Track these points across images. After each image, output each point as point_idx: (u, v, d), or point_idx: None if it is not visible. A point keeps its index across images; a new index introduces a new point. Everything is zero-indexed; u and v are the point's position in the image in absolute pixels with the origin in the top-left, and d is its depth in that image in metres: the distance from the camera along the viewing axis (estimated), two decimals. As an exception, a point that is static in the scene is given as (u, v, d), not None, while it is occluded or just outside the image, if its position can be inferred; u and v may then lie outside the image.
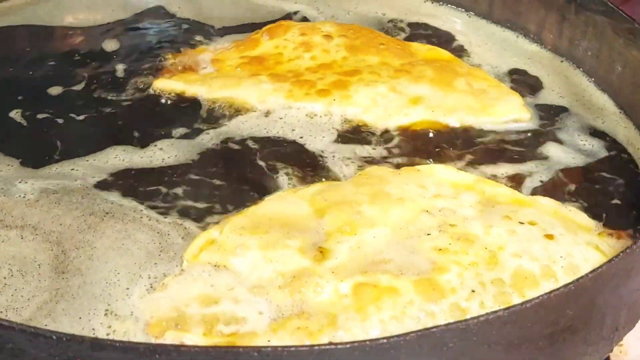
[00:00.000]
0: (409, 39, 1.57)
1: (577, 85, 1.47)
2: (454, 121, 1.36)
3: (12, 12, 1.59)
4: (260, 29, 1.53)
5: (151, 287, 1.06)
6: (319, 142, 1.32)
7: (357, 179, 1.21)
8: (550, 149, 1.33)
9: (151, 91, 1.42)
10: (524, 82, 1.47)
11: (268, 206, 1.16)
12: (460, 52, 1.53)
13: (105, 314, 1.03)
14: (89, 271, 1.09)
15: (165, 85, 1.43)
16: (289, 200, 1.17)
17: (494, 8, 1.62)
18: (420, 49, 1.51)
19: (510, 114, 1.38)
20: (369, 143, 1.32)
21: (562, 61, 1.52)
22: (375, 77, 1.40)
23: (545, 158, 1.32)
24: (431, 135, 1.34)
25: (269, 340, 0.97)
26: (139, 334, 1.00)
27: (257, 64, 1.45)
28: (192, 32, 1.57)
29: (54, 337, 0.77)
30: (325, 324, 0.99)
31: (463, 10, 1.64)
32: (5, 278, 1.08)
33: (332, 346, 0.80)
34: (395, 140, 1.33)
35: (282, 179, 1.25)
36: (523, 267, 1.06)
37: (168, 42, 1.54)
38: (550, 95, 1.45)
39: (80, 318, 1.03)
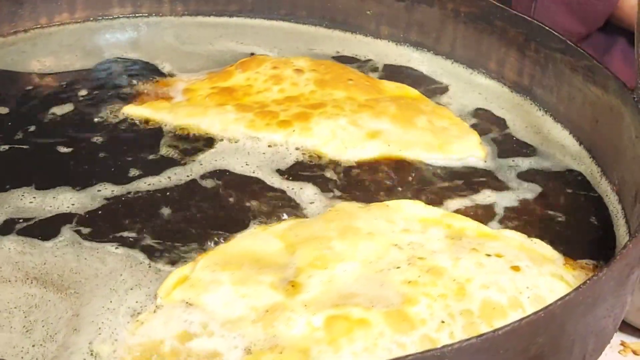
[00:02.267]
0: (383, 77, 1.60)
1: (538, 122, 1.50)
2: (410, 156, 1.38)
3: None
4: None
5: (126, 324, 1.07)
6: (277, 172, 1.35)
7: (326, 215, 1.23)
8: (508, 185, 1.36)
9: (120, 116, 1.46)
10: (487, 121, 1.50)
11: (239, 243, 1.18)
12: (430, 91, 1.56)
13: (83, 353, 1.04)
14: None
15: (133, 111, 1.46)
16: (260, 236, 1.19)
17: (456, 47, 1.65)
18: (389, 86, 1.54)
19: (466, 152, 1.40)
20: (325, 175, 1.35)
21: (524, 98, 1.55)
22: (338, 110, 1.44)
23: (503, 193, 1.34)
24: (386, 169, 1.36)
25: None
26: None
27: (226, 94, 1.48)
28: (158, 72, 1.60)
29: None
30: (298, 357, 1.00)
31: (426, 50, 1.67)
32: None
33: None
34: (351, 173, 1.36)
35: (247, 213, 1.27)
36: (491, 298, 1.08)
37: (140, 75, 1.57)
38: (512, 133, 1.48)
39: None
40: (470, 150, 1.41)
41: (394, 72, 1.62)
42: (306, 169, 1.36)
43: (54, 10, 1.69)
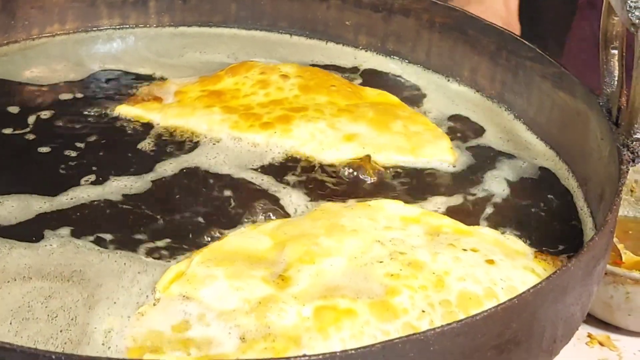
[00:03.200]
0: (365, 84, 1.67)
1: (510, 126, 1.57)
2: (382, 159, 1.46)
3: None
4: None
5: (128, 316, 1.14)
6: (256, 170, 1.43)
7: (313, 214, 1.31)
8: (479, 185, 1.44)
9: (113, 115, 1.54)
10: (462, 126, 1.58)
11: (231, 241, 1.25)
12: (409, 98, 1.64)
13: (88, 343, 1.11)
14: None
15: (125, 110, 1.55)
16: (250, 235, 1.26)
17: (431, 56, 1.71)
18: (371, 93, 1.62)
19: (436, 155, 1.48)
20: (304, 173, 1.43)
21: (496, 104, 1.62)
22: (319, 114, 1.51)
23: (474, 193, 1.42)
24: (360, 170, 1.43)
25: (239, 360, 1.06)
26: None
27: (215, 97, 1.56)
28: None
29: (53, 357, 0.84)
30: (290, 345, 1.07)
31: (402, 58, 1.74)
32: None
33: (307, 357, 0.89)
34: (326, 172, 1.43)
35: (234, 210, 1.34)
36: (467, 289, 1.16)
37: (132, 80, 1.65)
38: (485, 138, 1.55)
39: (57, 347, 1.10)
40: (441, 154, 1.48)
41: (375, 80, 1.69)
42: (284, 168, 1.44)
43: (46, 21, 1.74)
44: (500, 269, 1.20)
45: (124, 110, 1.55)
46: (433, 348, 0.93)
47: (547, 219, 1.38)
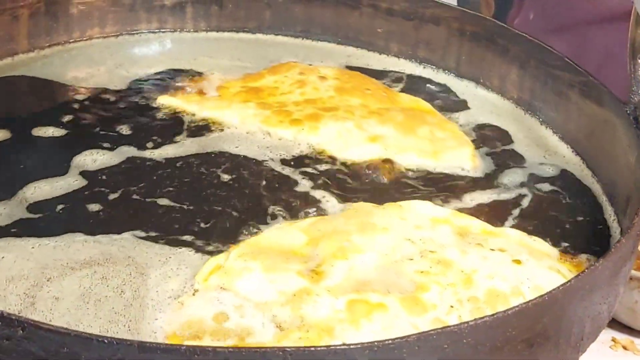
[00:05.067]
0: (403, 91, 1.72)
1: (538, 134, 1.61)
2: (403, 160, 1.50)
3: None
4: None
5: (168, 305, 1.18)
6: (280, 162, 1.48)
7: (346, 212, 1.35)
8: (505, 190, 1.47)
9: (154, 105, 1.61)
10: (491, 134, 1.61)
11: (268, 236, 1.29)
12: (443, 105, 1.67)
13: (129, 331, 1.15)
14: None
15: (166, 101, 1.61)
16: (286, 231, 1.30)
17: (461, 63, 1.75)
18: (405, 99, 1.66)
19: (457, 161, 1.51)
20: (326, 170, 1.48)
21: (525, 112, 1.65)
22: (348, 115, 1.56)
23: (496, 199, 1.45)
24: (380, 169, 1.48)
25: (275, 349, 1.09)
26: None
27: (253, 93, 1.62)
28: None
29: (106, 341, 0.88)
30: (323, 335, 1.11)
31: (433, 66, 1.78)
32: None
33: (345, 346, 0.92)
34: (347, 170, 1.48)
35: (265, 204, 1.39)
36: (495, 287, 1.19)
37: (176, 76, 1.72)
38: (513, 145, 1.58)
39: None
40: (462, 161, 1.51)
41: (413, 87, 1.74)
42: (308, 162, 1.49)
43: (87, 25, 1.79)
44: (526, 268, 1.24)
45: (165, 100, 1.62)
46: (466, 340, 0.96)
47: (573, 223, 1.42)
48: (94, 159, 1.47)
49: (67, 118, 1.57)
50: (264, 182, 1.44)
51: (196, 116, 1.59)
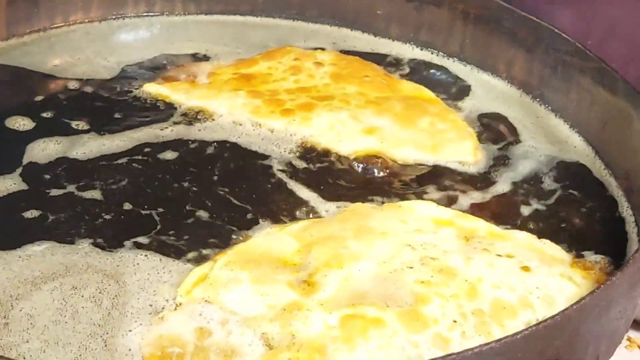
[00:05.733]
0: (406, 77, 1.63)
1: (547, 123, 1.52)
2: (400, 155, 1.42)
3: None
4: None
5: (149, 322, 1.10)
6: (273, 158, 1.40)
7: (341, 215, 1.26)
8: (508, 187, 1.39)
9: (139, 94, 1.53)
10: (496, 125, 1.52)
11: (256, 243, 1.21)
12: (447, 93, 1.59)
13: (104, 348, 1.07)
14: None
15: (153, 89, 1.53)
16: (276, 236, 1.21)
17: (465, 48, 1.66)
18: (407, 86, 1.57)
19: (457, 155, 1.43)
20: (318, 165, 1.40)
21: (533, 100, 1.57)
22: (343, 104, 1.48)
23: (501, 196, 1.37)
24: (373, 165, 1.40)
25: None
26: (137, 367, 1.04)
27: (244, 80, 1.54)
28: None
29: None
30: (315, 355, 1.03)
31: (435, 50, 1.69)
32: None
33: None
34: (341, 164, 1.40)
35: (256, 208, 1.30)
36: (501, 298, 1.11)
37: (164, 63, 1.63)
38: (518, 138, 1.49)
39: (78, 357, 1.07)
40: (462, 154, 1.43)
41: (416, 73, 1.65)
42: (299, 157, 1.41)
43: (70, 10, 1.70)
44: (536, 276, 1.15)
45: (151, 88, 1.54)
46: None
47: (585, 221, 1.33)
48: (54, 151, 1.39)
49: (43, 109, 1.49)
50: (251, 181, 1.36)
51: (183, 106, 1.51)
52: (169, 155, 1.40)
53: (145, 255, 1.20)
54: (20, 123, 1.45)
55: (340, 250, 1.16)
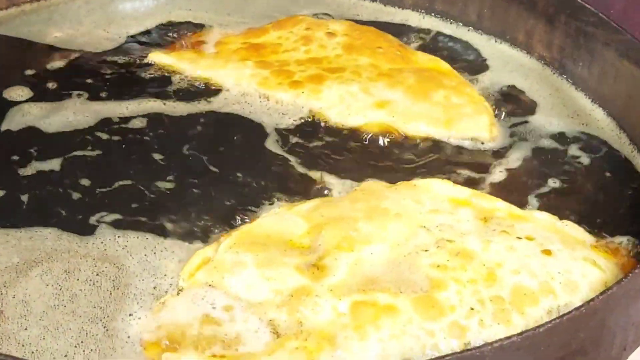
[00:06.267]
0: (418, 47, 1.57)
1: (568, 97, 1.46)
2: (412, 130, 1.36)
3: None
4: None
5: (149, 308, 1.05)
6: (275, 131, 1.35)
7: (353, 194, 1.20)
8: (526, 165, 1.33)
9: (144, 62, 1.48)
10: (515, 100, 1.46)
11: (264, 223, 1.15)
12: (465, 66, 1.53)
13: (105, 334, 1.02)
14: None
15: (158, 58, 1.49)
16: (284, 217, 1.16)
17: (483, 17, 1.60)
18: (422, 58, 1.51)
19: (472, 131, 1.37)
20: (327, 140, 1.34)
21: (554, 73, 1.51)
22: (355, 76, 1.42)
23: (517, 174, 1.31)
24: (384, 141, 1.34)
25: (267, 361, 0.96)
26: (134, 357, 0.98)
27: (253, 50, 1.49)
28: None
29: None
30: (324, 344, 0.98)
31: (451, 20, 1.63)
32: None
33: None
34: (350, 139, 1.34)
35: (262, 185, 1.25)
36: (522, 284, 1.05)
37: (172, 30, 1.58)
38: (538, 113, 1.43)
39: (79, 343, 1.01)
40: (477, 130, 1.37)
41: (434, 44, 1.59)
42: (308, 131, 1.35)
43: (72, -22, 1.64)
44: (558, 260, 1.09)
45: (156, 57, 1.49)
46: None
47: (610, 200, 1.27)
48: (48, 122, 1.34)
49: (43, 81, 1.44)
50: (257, 156, 1.30)
51: (188, 75, 1.45)
52: (171, 127, 1.35)
53: (146, 238, 1.16)
54: (19, 94, 1.40)
55: (351, 232, 1.10)
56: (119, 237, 1.15)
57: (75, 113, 1.36)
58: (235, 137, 1.33)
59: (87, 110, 1.37)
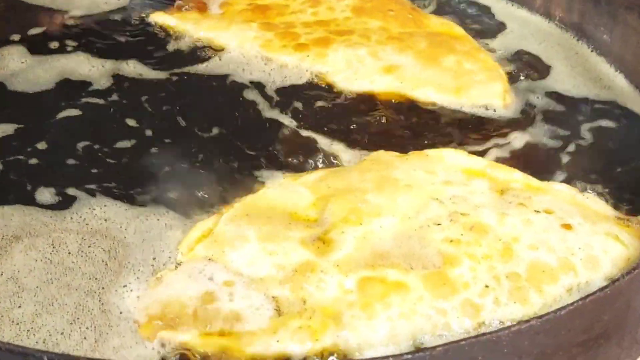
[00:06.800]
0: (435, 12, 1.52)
1: (588, 63, 1.41)
2: (421, 96, 1.31)
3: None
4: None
5: (145, 282, 1.00)
6: (284, 97, 1.30)
7: (362, 164, 1.15)
8: (543, 134, 1.27)
9: (146, 22, 1.45)
10: (531, 66, 1.41)
11: (267, 194, 1.10)
12: (480, 30, 1.48)
13: (100, 308, 0.97)
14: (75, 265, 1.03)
15: (160, 19, 1.45)
16: (289, 188, 1.10)
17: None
18: (434, 22, 1.46)
19: (484, 98, 1.32)
20: (325, 104, 1.30)
21: (574, 37, 1.46)
22: (363, 40, 1.38)
23: (535, 144, 1.25)
24: (390, 108, 1.29)
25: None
26: (130, 335, 0.93)
27: (259, 12, 1.45)
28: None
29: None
30: (329, 323, 0.92)
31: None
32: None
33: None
34: (355, 105, 1.30)
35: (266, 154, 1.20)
36: (540, 260, 1.00)
37: None
38: (556, 80, 1.37)
39: (75, 320, 0.97)
40: (490, 98, 1.32)
41: (449, 6, 1.54)
42: (313, 96, 1.30)
43: None
44: (578, 234, 1.04)
45: (158, 18, 1.45)
46: (507, 350, 0.79)
47: (632, 171, 1.20)
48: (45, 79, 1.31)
49: (42, 42, 1.40)
50: (259, 124, 1.25)
51: (190, 37, 1.41)
52: (171, 89, 1.31)
53: (144, 206, 1.11)
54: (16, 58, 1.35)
55: (359, 204, 1.05)
56: (104, 207, 1.10)
57: (72, 71, 1.32)
58: (234, 102, 1.28)
59: (85, 69, 1.33)
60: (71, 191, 1.13)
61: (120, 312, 0.97)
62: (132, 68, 1.33)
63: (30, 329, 0.96)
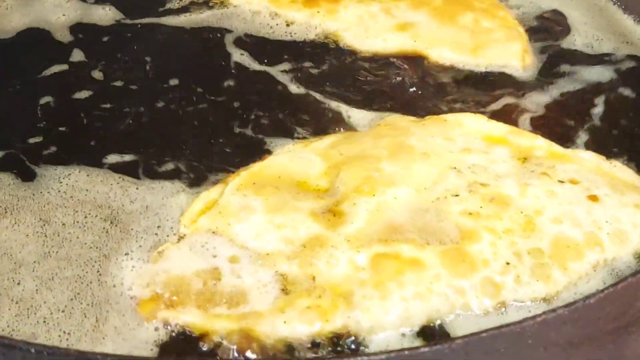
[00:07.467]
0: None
1: (617, 25, 1.35)
2: (434, 56, 1.26)
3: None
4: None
5: (145, 256, 0.95)
6: (292, 57, 1.25)
7: (376, 129, 1.10)
8: (566, 98, 1.20)
9: None
10: (555, 24, 1.35)
11: (276, 162, 1.05)
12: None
13: (99, 284, 0.93)
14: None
15: None
16: (299, 154, 1.05)
17: None
18: None
19: (502, 59, 1.26)
20: (334, 62, 1.24)
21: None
22: None
23: (557, 109, 1.19)
24: (403, 66, 1.24)
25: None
26: (130, 314, 0.88)
27: None
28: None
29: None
30: (339, 303, 0.87)
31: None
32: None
33: (366, 357, 0.73)
34: (371, 65, 1.24)
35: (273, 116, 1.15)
36: (564, 234, 0.95)
37: None
38: (579, 39, 1.31)
39: (75, 295, 0.92)
40: (508, 58, 1.26)
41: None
42: (322, 55, 1.26)
43: None
44: (605, 207, 0.98)
45: None
46: (531, 341, 0.74)
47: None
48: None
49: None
50: (267, 84, 1.20)
51: None
52: (171, 47, 1.26)
53: (147, 176, 1.05)
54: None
55: (372, 173, 1.00)
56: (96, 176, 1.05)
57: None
58: (241, 62, 1.23)
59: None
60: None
61: (121, 292, 0.92)
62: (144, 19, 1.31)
63: (30, 307, 0.92)
